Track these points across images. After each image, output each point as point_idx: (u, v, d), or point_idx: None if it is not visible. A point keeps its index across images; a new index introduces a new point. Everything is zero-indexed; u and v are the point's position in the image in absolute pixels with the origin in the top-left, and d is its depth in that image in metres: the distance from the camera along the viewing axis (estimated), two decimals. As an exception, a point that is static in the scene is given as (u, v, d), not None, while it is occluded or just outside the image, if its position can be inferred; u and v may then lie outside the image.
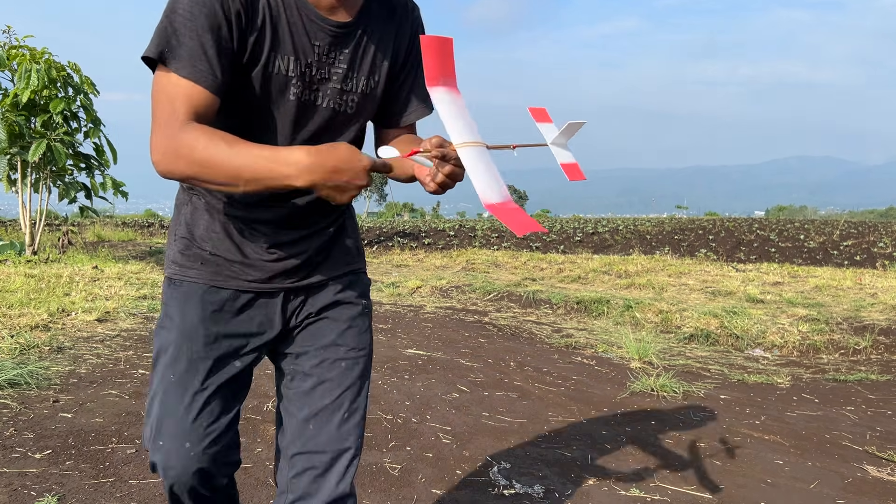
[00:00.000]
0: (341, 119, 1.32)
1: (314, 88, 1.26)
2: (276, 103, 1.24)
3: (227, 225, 1.32)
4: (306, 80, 1.24)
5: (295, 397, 1.38)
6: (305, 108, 1.26)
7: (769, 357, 6.19)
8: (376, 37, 1.31)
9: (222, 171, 1.07)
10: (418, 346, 5.57)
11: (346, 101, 1.31)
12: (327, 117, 1.30)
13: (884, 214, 63.17)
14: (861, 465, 3.34)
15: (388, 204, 73.31)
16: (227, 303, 1.34)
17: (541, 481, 2.90)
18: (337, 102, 1.29)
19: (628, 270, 11.13)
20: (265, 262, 1.34)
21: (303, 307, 1.40)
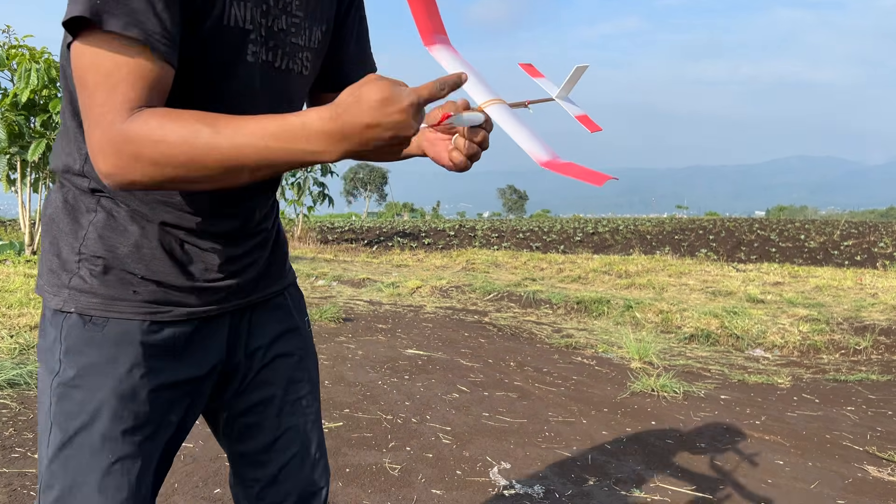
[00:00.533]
0: (295, 86, 1.04)
1: (271, 45, 0.96)
2: (228, 71, 0.92)
3: (166, 239, 0.98)
4: (263, 33, 0.94)
5: (255, 453, 1.15)
6: (265, 74, 0.96)
7: (769, 357, 6.19)
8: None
9: (211, 166, 0.77)
10: (418, 346, 5.57)
11: (302, 59, 1.03)
12: (285, 86, 1.01)
13: (884, 214, 63.15)
14: (861, 466, 3.34)
15: (388, 204, 73.31)
16: (170, 341, 1.00)
17: (541, 481, 2.90)
18: (294, 62, 1.01)
19: (628, 270, 11.12)
20: (214, 283, 1.04)
21: (250, 336, 1.14)
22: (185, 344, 1.02)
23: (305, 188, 18.30)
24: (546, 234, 20.15)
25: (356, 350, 5.26)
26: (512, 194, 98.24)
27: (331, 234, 20.73)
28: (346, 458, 3.04)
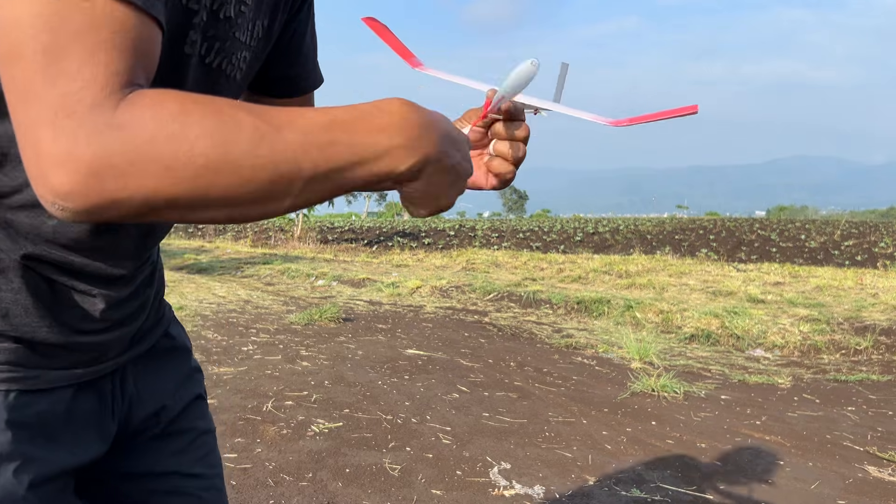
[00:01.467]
0: (225, 93, 0.78)
1: (210, 35, 0.71)
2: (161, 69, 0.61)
3: (31, 279, 0.71)
4: (205, 17, 0.70)
5: None
6: (196, 72, 0.73)
7: (770, 357, 6.18)
8: None
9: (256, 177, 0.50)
10: (418, 347, 5.56)
11: (239, 59, 0.78)
12: (213, 90, 0.75)
13: (885, 214, 63.16)
14: (862, 466, 3.33)
15: (388, 203, 73.29)
16: (43, 417, 0.74)
17: (541, 482, 2.90)
18: (230, 63, 0.77)
19: (629, 270, 11.12)
20: (96, 337, 0.79)
21: (138, 400, 0.89)
22: (63, 419, 0.76)
23: (306, 188, 18.29)
24: (546, 233, 20.15)
25: (356, 350, 5.26)
26: (512, 194, 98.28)
27: (330, 234, 20.74)
28: (346, 458, 3.03)
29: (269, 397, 3.87)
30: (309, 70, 0.95)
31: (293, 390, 4.04)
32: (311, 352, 5.11)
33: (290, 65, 0.93)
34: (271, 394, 3.94)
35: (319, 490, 2.68)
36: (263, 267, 11.41)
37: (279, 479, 2.78)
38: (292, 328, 6.03)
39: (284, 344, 5.33)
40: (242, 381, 4.17)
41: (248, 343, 5.30)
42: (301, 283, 9.79)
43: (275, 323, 6.26)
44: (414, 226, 24.66)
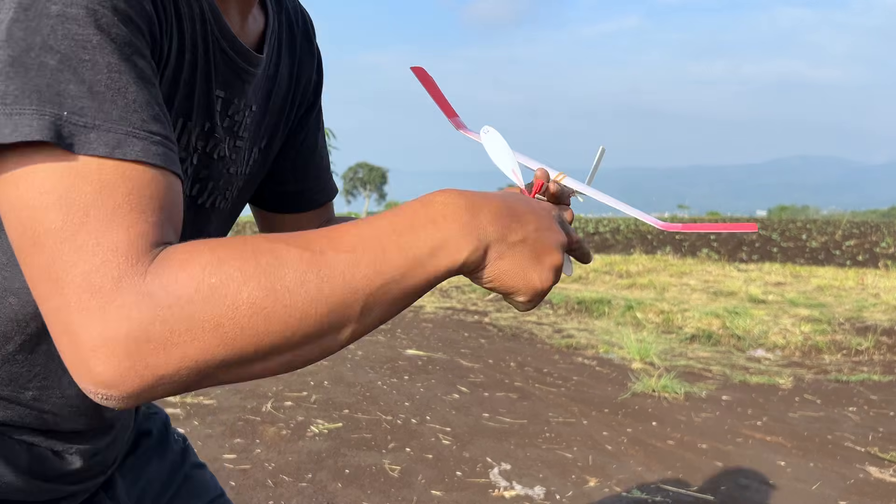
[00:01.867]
0: (213, 224, 0.74)
1: (202, 176, 0.68)
2: None
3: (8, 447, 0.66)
4: (195, 161, 0.66)
5: None
6: (197, 214, 0.70)
7: (771, 357, 6.17)
8: (284, 75, 0.78)
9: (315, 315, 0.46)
10: (418, 347, 5.55)
11: (231, 191, 0.74)
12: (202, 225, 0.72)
13: (886, 214, 63.14)
14: (863, 467, 3.32)
15: (388, 203, 73.33)
16: None
17: (541, 483, 2.89)
18: (222, 198, 0.73)
19: (629, 270, 11.11)
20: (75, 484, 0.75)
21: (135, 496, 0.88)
22: None
23: (306, 188, 18.32)
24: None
25: (356, 350, 5.25)
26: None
27: (331, 234, 20.73)
28: (346, 458, 3.02)
29: (269, 397, 3.86)
30: (322, 183, 0.89)
31: (292, 391, 4.03)
32: (310, 352, 5.10)
33: (299, 179, 0.87)
34: (270, 394, 3.93)
35: (319, 491, 2.67)
36: (264, 267, 11.41)
37: (278, 479, 2.77)
38: (292, 328, 6.02)
39: (284, 344, 5.33)
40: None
41: (247, 343, 5.29)
42: (301, 282, 9.78)
43: (275, 323, 6.25)
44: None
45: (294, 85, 0.80)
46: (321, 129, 0.89)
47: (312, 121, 0.86)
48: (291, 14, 0.80)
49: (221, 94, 0.66)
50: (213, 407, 3.61)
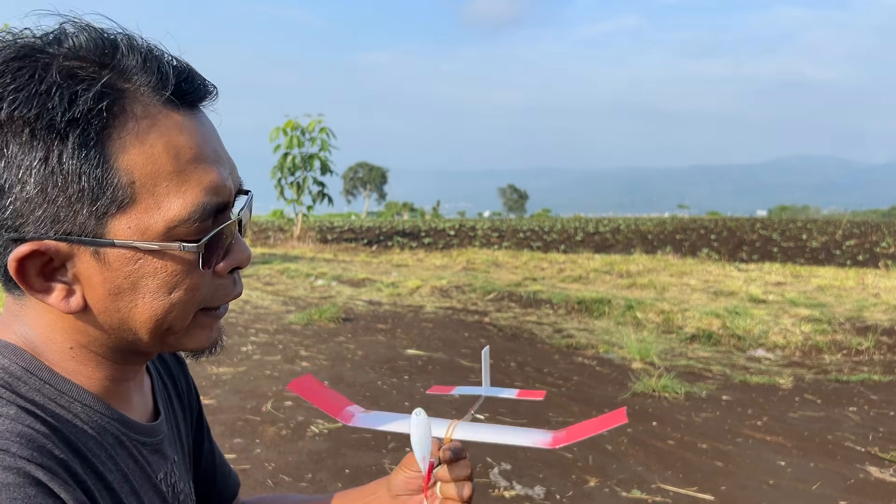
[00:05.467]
0: None
1: None
2: None
3: None
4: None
5: None
6: None
7: (771, 357, 6.17)
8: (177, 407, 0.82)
9: None
10: (418, 347, 5.55)
11: None
12: None
13: (887, 214, 63.13)
14: (863, 466, 3.32)
15: (388, 203, 73.33)
16: None
17: (541, 483, 2.88)
18: None
19: (630, 270, 11.11)
20: None
21: None
22: None
23: (305, 187, 18.30)
24: (547, 233, 20.13)
25: (356, 350, 5.24)
26: (512, 194, 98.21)
27: (330, 234, 20.72)
28: (346, 458, 3.02)
29: (268, 397, 3.85)
30: (228, 472, 0.96)
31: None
32: (310, 352, 5.10)
33: (214, 482, 0.93)
34: (270, 394, 3.92)
35: (319, 491, 2.67)
36: (262, 267, 11.39)
37: (278, 479, 2.77)
38: (291, 328, 6.02)
39: (284, 344, 5.32)
40: (241, 381, 4.16)
41: (247, 343, 5.29)
42: (300, 282, 9.78)
43: (274, 323, 6.25)
44: (414, 225, 24.67)
45: (184, 406, 0.85)
46: (208, 429, 0.92)
47: (204, 422, 0.90)
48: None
49: (162, 477, 0.69)
50: (213, 407, 3.61)
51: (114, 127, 0.54)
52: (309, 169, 18.32)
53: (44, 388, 0.58)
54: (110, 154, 0.54)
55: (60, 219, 0.54)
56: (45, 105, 0.52)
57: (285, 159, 18.08)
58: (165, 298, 0.59)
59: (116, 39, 0.57)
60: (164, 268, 0.58)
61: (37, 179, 0.53)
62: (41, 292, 0.56)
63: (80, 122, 0.53)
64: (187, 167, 0.57)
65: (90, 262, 0.56)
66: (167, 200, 0.56)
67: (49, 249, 0.54)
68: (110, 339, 0.61)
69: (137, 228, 0.56)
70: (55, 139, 0.53)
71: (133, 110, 0.55)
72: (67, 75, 0.53)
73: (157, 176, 0.56)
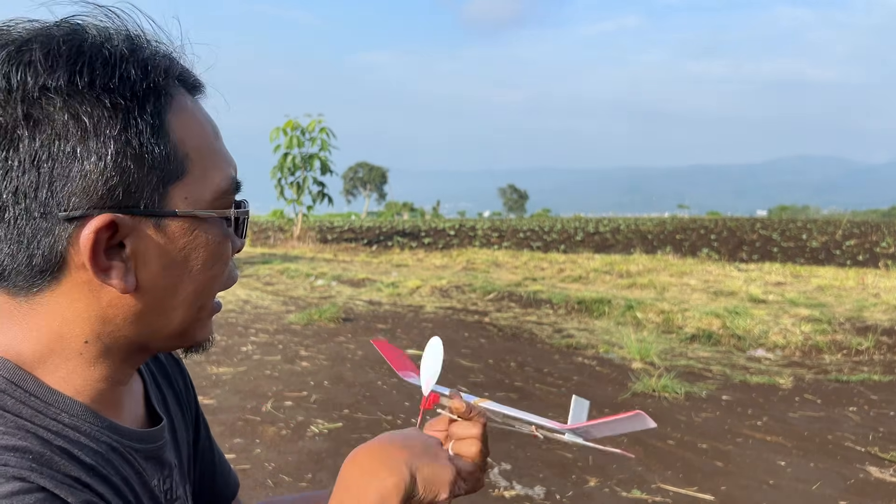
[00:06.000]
0: None
1: None
2: None
3: None
4: None
5: None
6: None
7: (771, 357, 6.17)
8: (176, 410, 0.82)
9: None
10: (418, 347, 5.55)
11: None
12: None
13: (887, 214, 63.15)
14: (863, 466, 3.32)
15: (388, 203, 73.33)
16: None
17: (541, 482, 2.88)
18: None
19: (630, 270, 11.10)
20: None
21: None
22: None
23: (305, 187, 18.30)
24: (547, 233, 20.14)
25: (356, 350, 5.24)
26: (512, 193, 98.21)
27: (330, 234, 20.72)
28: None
29: (269, 398, 3.85)
30: (227, 470, 0.96)
31: (292, 390, 4.03)
32: (310, 352, 5.10)
33: (213, 481, 0.93)
34: (270, 394, 3.92)
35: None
36: (262, 267, 11.39)
37: (278, 479, 2.77)
38: (291, 328, 6.02)
39: (284, 344, 5.32)
40: (241, 381, 4.16)
41: (247, 343, 5.29)
42: (300, 282, 9.78)
43: (274, 323, 6.25)
44: (414, 225, 24.68)
45: (182, 407, 0.84)
46: (209, 432, 0.91)
47: (202, 421, 0.89)
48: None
49: (157, 483, 0.69)
50: (213, 407, 3.61)
51: (173, 100, 0.56)
52: (309, 169, 18.32)
53: (30, 401, 0.56)
54: (171, 127, 0.56)
55: (132, 190, 0.54)
56: (124, 74, 0.52)
57: (285, 159, 18.09)
58: (209, 271, 0.61)
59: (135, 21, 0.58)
60: (212, 239, 0.60)
61: (115, 149, 0.52)
62: (104, 272, 0.55)
63: (154, 93, 0.54)
64: (217, 144, 0.61)
65: (151, 234, 0.56)
66: (211, 173, 0.59)
67: (120, 222, 0.54)
68: (135, 328, 0.60)
69: (192, 199, 0.58)
70: (134, 108, 0.53)
71: (176, 92, 0.58)
72: (132, 48, 0.54)
73: (202, 149, 0.59)
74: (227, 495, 0.95)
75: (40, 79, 0.50)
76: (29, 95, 0.50)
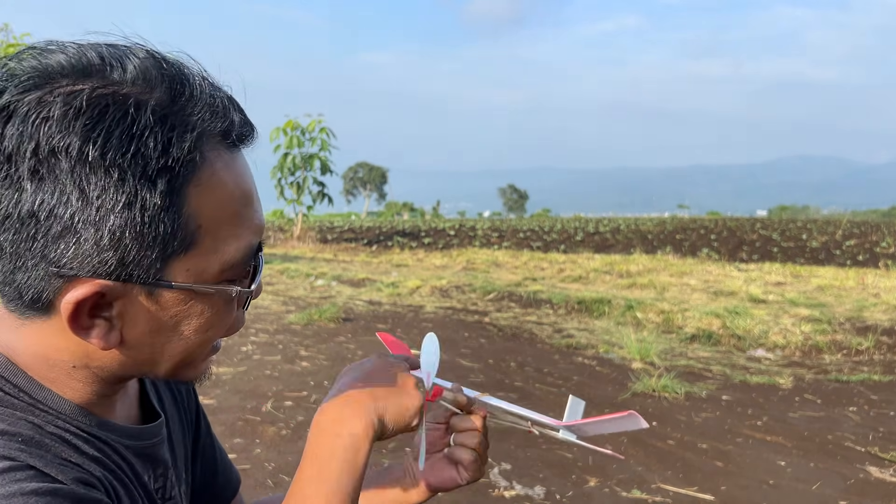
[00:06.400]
0: None
1: None
2: None
3: None
4: None
5: None
6: None
7: (771, 357, 6.17)
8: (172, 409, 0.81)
9: None
10: (418, 347, 5.55)
11: None
12: None
13: (887, 214, 63.16)
14: (863, 466, 3.32)
15: (388, 203, 73.33)
16: None
17: (541, 482, 2.88)
18: None
19: (630, 270, 11.10)
20: None
21: None
22: None
23: (305, 187, 18.30)
24: (547, 233, 20.14)
25: (356, 350, 5.24)
26: (512, 193, 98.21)
27: (330, 234, 20.73)
28: (346, 459, 3.02)
29: (268, 397, 3.85)
30: (228, 467, 0.96)
31: (292, 390, 4.03)
32: (310, 352, 5.10)
33: (215, 477, 0.93)
34: (270, 394, 3.92)
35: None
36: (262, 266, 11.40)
37: (278, 479, 2.77)
38: (291, 328, 6.02)
39: (284, 344, 5.32)
40: (241, 381, 4.16)
41: (247, 343, 5.29)
42: (300, 282, 9.78)
43: (274, 323, 6.25)
44: (414, 225, 24.68)
45: (180, 407, 0.83)
46: (210, 429, 0.91)
47: (202, 419, 0.89)
48: None
49: (148, 481, 0.69)
50: (213, 407, 3.61)
51: (195, 174, 0.53)
52: (309, 169, 18.33)
53: (20, 395, 0.56)
54: (186, 200, 0.53)
55: (127, 261, 0.52)
56: (139, 149, 0.50)
57: (285, 159, 18.09)
58: (200, 337, 0.59)
59: (182, 68, 0.55)
60: (210, 308, 0.58)
61: (115, 223, 0.50)
62: (84, 330, 0.54)
63: (170, 169, 0.51)
64: (242, 210, 0.57)
65: (142, 301, 0.55)
66: (225, 244, 0.56)
67: (107, 290, 0.52)
68: (124, 368, 0.60)
69: (195, 271, 0.55)
70: (144, 185, 0.50)
71: (209, 157, 0.54)
72: (160, 119, 0.51)
73: (220, 221, 0.55)
74: (228, 492, 0.95)
75: (52, 139, 0.49)
76: (40, 151, 0.49)
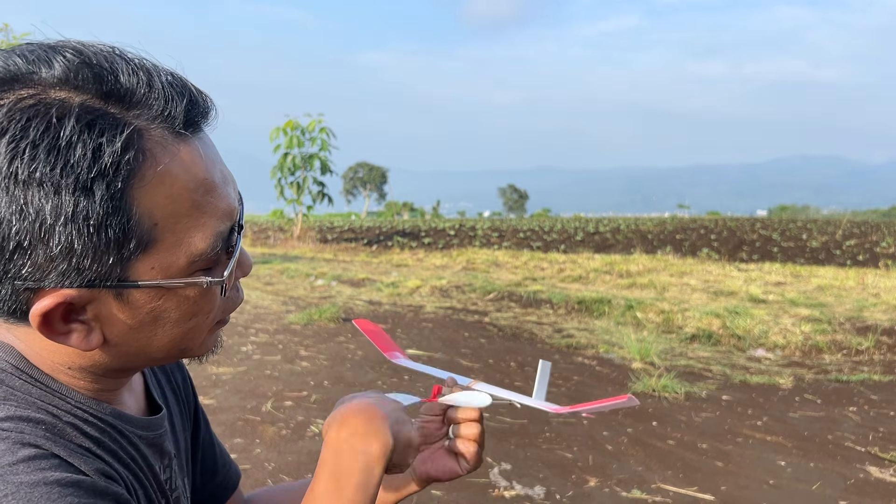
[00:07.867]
0: None
1: None
2: None
3: None
4: None
5: None
6: None
7: (771, 357, 6.17)
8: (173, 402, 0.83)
9: None
10: (418, 347, 5.55)
11: None
12: None
13: (887, 214, 63.18)
14: (864, 466, 3.32)
15: (388, 203, 73.31)
16: None
17: (541, 482, 2.88)
18: None
19: (630, 270, 11.10)
20: None
21: None
22: None
23: (305, 187, 18.30)
24: (547, 233, 20.14)
25: (356, 350, 5.25)
26: (512, 193, 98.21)
27: (330, 234, 20.73)
28: (346, 458, 3.02)
29: (268, 397, 3.85)
30: (228, 463, 0.97)
31: (292, 390, 4.03)
32: (310, 352, 5.10)
33: (215, 473, 0.94)
34: (270, 394, 3.92)
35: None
36: (262, 266, 11.40)
37: (278, 479, 2.77)
38: (291, 328, 6.02)
39: (284, 344, 5.32)
40: (241, 381, 4.16)
41: (247, 343, 5.29)
42: (300, 282, 9.78)
43: (274, 323, 6.25)
44: (414, 225, 24.69)
45: (180, 401, 0.85)
46: (209, 426, 0.92)
47: (201, 415, 0.90)
48: None
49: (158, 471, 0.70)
50: (213, 407, 3.61)
51: (136, 173, 0.51)
52: (309, 169, 18.33)
53: (35, 384, 0.58)
54: (134, 201, 0.52)
55: (84, 269, 0.52)
56: (68, 160, 0.49)
57: (285, 159, 18.09)
58: (185, 325, 0.59)
59: (114, 62, 0.53)
60: (186, 299, 0.58)
61: (61, 236, 0.50)
62: (62, 335, 0.54)
63: (105, 175, 0.50)
64: (203, 199, 0.56)
65: (112, 303, 0.55)
66: (188, 236, 0.55)
67: (72, 298, 0.53)
68: (118, 363, 0.61)
69: (161, 267, 0.55)
70: (80, 194, 0.49)
71: (152, 151, 0.52)
72: (87, 125, 0.50)
73: (177, 214, 0.54)
74: (228, 487, 0.96)
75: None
76: None
